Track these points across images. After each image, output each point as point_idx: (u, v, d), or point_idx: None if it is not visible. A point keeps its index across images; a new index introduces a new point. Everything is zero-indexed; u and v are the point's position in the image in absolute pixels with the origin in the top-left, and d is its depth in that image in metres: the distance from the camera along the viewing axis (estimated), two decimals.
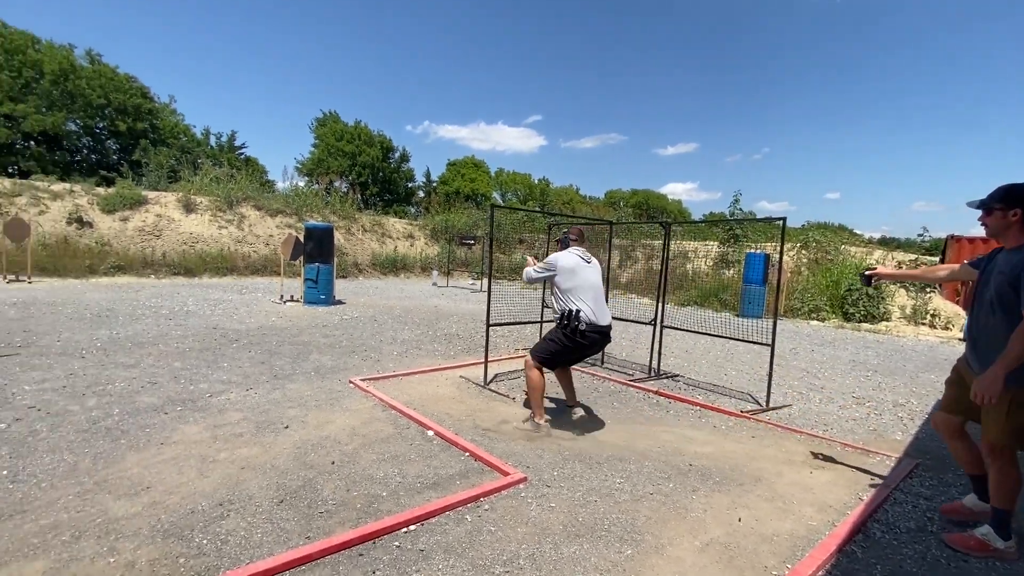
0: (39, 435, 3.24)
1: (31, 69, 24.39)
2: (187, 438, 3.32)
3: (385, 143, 34.50)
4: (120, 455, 3.01)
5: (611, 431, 3.88)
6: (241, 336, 6.71)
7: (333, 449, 3.25)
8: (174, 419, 3.64)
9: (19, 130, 24.09)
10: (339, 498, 2.63)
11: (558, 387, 4.97)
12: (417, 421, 3.78)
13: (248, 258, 16.48)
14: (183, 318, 7.85)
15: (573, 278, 3.72)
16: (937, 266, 3.03)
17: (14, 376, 4.43)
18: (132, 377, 4.60)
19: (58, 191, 15.89)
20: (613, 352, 6.89)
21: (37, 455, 2.96)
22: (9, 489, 2.56)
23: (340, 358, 5.83)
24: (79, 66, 25.90)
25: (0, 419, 3.45)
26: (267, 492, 2.65)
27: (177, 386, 4.42)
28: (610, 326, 3.82)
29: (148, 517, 2.37)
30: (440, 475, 2.94)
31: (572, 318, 3.64)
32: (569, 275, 3.73)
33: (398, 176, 35.79)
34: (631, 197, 51.49)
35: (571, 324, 3.64)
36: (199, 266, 15.26)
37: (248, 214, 18.37)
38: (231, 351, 5.85)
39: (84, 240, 14.66)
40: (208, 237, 16.68)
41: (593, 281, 3.79)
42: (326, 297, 10.41)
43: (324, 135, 33.61)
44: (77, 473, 2.76)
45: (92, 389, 4.21)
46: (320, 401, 4.22)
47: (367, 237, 21.06)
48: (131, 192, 16.84)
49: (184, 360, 5.31)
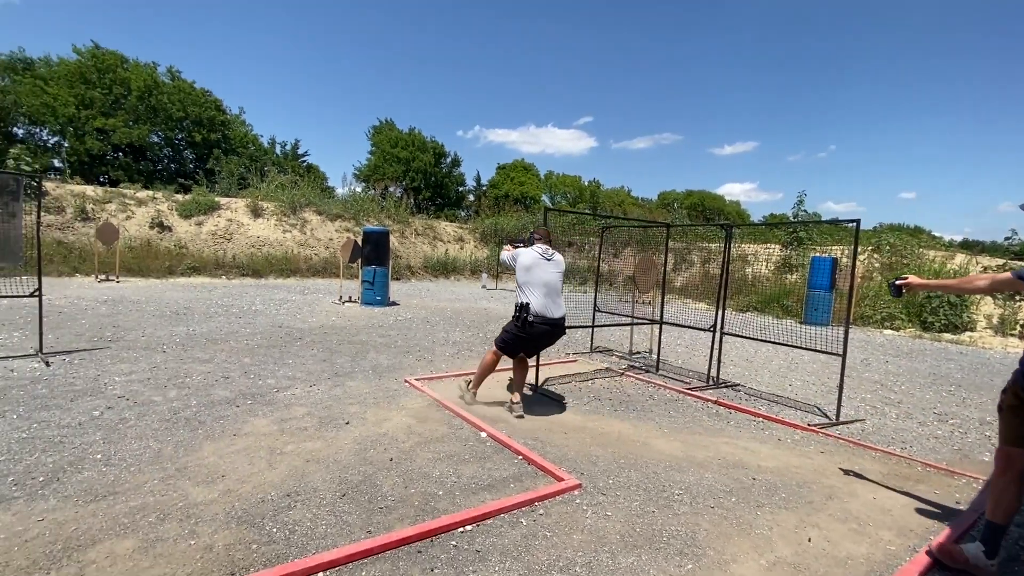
0: (128, 423, 3.52)
1: (120, 86, 26.72)
2: (257, 430, 3.51)
3: (437, 149, 35.26)
4: (198, 444, 3.23)
5: (667, 440, 3.76)
6: (304, 335, 7.04)
7: (391, 446, 3.34)
8: (245, 412, 3.86)
9: (109, 142, 26.45)
10: (397, 494, 2.69)
11: (600, 396, 4.89)
12: (470, 422, 3.82)
13: (310, 260, 17.29)
14: (251, 317, 8.33)
15: (528, 273, 4.05)
16: (977, 275, 2.63)
17: (106, 368, 4.85)
18: (207, 371, 4.93)
19: (142, 198, 17.31)
20: (668, 359, 6.70)
21: (126, 441, 3.22)
22: (103, 472, 2.80)
23: (396, 357, 5.99)
24: (161, 82, 28.13)
25: (95, 407, 3.79)
26: (330, 485, 2.76)
27: (247, 381, 4.69)
28: (562, 319, 4.09)
29: (223, 504, 2.52)
30: (494, 477, 2.96)
31: (522, 309, 4.02)
32: (525, 271, 4.06)
33: (449, 180, 36.46)
34: (686, 198, 49.93)
35: (521, 315, 4.01)
36: (265, 268, 16.16)
37: (310, 219, 19.29)
38: (295, 349, 6.15)
39: (164, 243, 15.89)
40: (273, 240, 17.65)
41: (547, 278, 4.07)
42: (382, 298, 10.75)
43: (380, 142, 34.78)
44: (161, 459, 2.98)
45: (172, 381, 4.54)
46: (378, 399, 4.35)
47: (419, 240, 21.60)
48: (205, 198, 18.10)
49: (253, 356, 5.63)
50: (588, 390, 5.05)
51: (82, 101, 25.55)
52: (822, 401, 5.07)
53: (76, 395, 4.02)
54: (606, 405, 4.57)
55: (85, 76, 26.02)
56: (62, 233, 14.53)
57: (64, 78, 25.65)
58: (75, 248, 14.08)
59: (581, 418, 4.15)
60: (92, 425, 3.43)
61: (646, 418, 4.27)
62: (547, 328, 4.03)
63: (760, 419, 4.40)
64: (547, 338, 4.15)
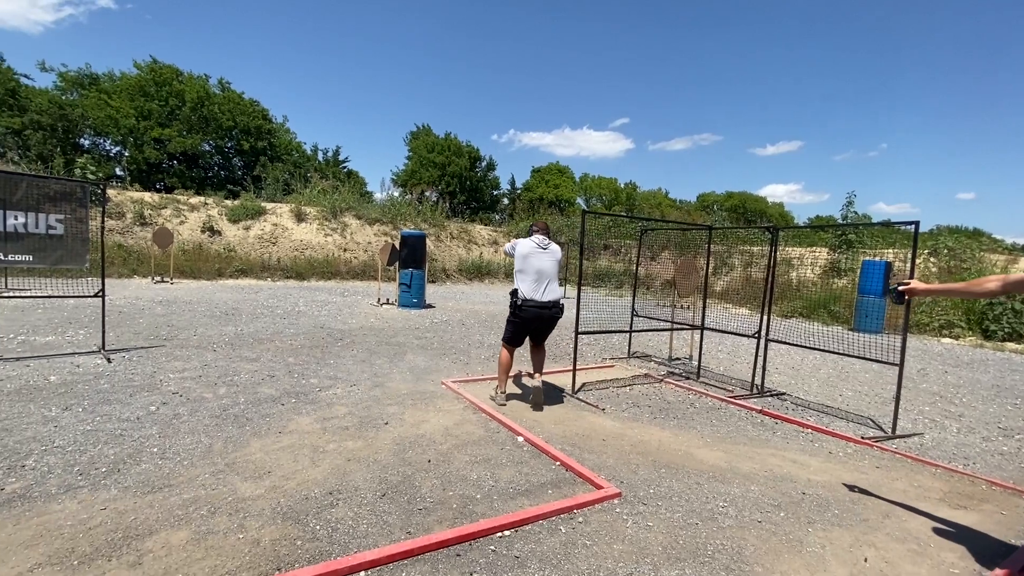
0: (181, 418, 3.69)
1: (176, 98, 28.25)
2: (300, 428, 3.61)
3: (473, 153, 35.62)
4: (245, 440, 3.35)
5: (710, 450, 3.65)
6: (344, 335, 7.21)
7: (429, 448, 3.36)
8: (289, 410, 3.98)
9: (165, 151, 27.98)
10: (436, 496, 2.71)
11: (639, 402, 4.79)
12: (507, 426, 3.81)
13: (349, 263, 17.75)
14: (295, 317, 8.61)
15: (523, 261, 4.32)
16: (987, 277, 2.33)
17: (161, 365, 5.10)
18: (254, 370, 5.11)
19: (195, 204, 18.21)
20: (709, 366, 6.51)
21: (180, 436, 3.37)
22: (159, 464, 2.94)
23: (432, 359, 6.06)
24: (213, 93, 29.57)
25: (151, 402, 3.99)
26: (371, 485, 2.80)
27: (291, 380, 4.84)
28: (554, 303, 4.31)
29: (270, 499, 2.60)
30: (532, 482, 2.94)
31: (514, 295, 4.31)
32: (522, 259, 4.33)
33: (484, 184, 36.76)
34: (726, 200, 48.54)
35: (513, 300, 4.30)
36: (308, 270, 16.70)
37: (350, 223, 19.82)
38: (336, 349, 6.31)
39: (214, 246, 16.64)
40: (316, 244, 18.21)
41: (540, 265, 4.31)
42: (418, 301, 10.91)
43: (417, 147, 35.43)
44: (211, 455, 3.11)
45: (222, 379, 4.73)
46: (416, 400, 4.40)
47: (454, 244, 21.83)
48: (252, 204, 18.87)
49: (297, 356, 5.81)
50: (626, 396, 4.96)
51: (141, 113, 27.13)
52: (876, 413, 4.81)
53: (135, 391, 4.24)
54: (645, 412, 4.48)
55: (144, 89, 27.64)
56: (122, 237, 15.43)
57: (125, 91, 27.33)
58: (134, 251, 14.93)
59: (620, 425, 4.08)
60: (149, 420, 3.61)
61: (687, 426, 4.16)
62: (537, 311, 4.25)
63: (809, 430, 4.21)
64: (540, 321, 4.35)
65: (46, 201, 5.24)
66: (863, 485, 3.16)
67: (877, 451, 3.80)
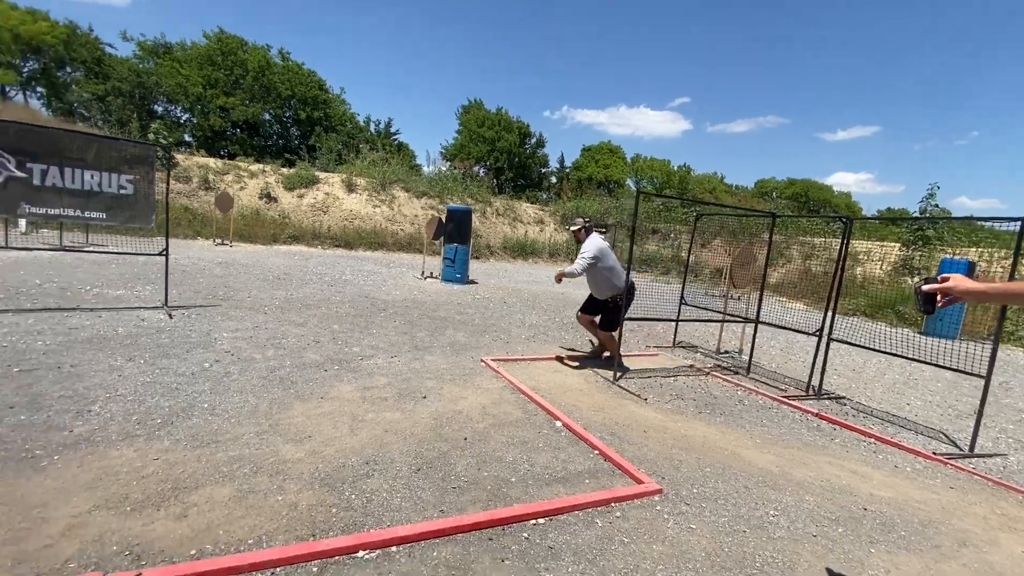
0: (231, 376, 3.82)
1: (239, 68, 29.22)
2: (341, 395, 3.66)
3: (523, 129, 35.14)
4: (289, 403, 3.42)
5: (759, 451, 3.43)
6: (388, 306, 7.31)
7: (465, 425, 3.33)
8: (332, 377, 4.05)
9: (229, 119, 29.13)
10: (471, 476, 2.67)
11: (683, 394, 4.59)
12: (545, 409, 3.73)
13: (396, 235, 18.03)
14: (341, 286, 8.81)
15: (608, 259, 4.89)
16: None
17: (217, 324, 5.32)
18: (301, 334, 5.25)
19: (254, 171, 18.89)
20: (760, 362, 6.18)
21: (229, 394, 3.48)
22: (208, 420, 3.04)
23: (473, 336, 6.04)
24: (273, 63, 30.37)
25: (205, 359, 4.15)
26: (406, 458, 2.80)
27: (335, 347, 4.93)
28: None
29: (309, 464, 2.63)
30: (568, 470, 2.85)
31: (632, 289, 4.96)
32: (609, 256, 4.91)
33: (533, 161, 36.29)
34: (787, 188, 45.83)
35: (617, 296, 4.87)
36: (356, 240, 17.09)
37: (398, 195, 20.06)
38: (379, 319, 6.39)
39: (270, 213, 17.27)
40: (364, 215, 18.58)
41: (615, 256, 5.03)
42: (461, 276, 10.94)
43: (468, 121, 35.29)
44: (257, 415, 3.19)
45: (271, 342, 4.88)
46: (455, 376, 4.39)
47: (499, 221, 21.73)
48: (307, 173, 19.40)
49: (341, 323, 5.93)
50: (670, 387, 4.76)
51: (208, 81, 28.26)
52: (949, 427, 4.41)
53: (191, 347, 4.43)
54: (690, 405, 4.28)
55: (212, 58, 28.72)
56: (188, 200, 16.25)
57: (195, 60, 28.50)
58: (198, 214, 15.70)
59: (662, 416, 3.92)
60: (202, 376, 3.75)
61: (735, 424, 3.94)
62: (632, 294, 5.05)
63: (871, 440, 3.90)
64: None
65: (120, 163, 5.49)
66: (934, 506, 2.88)
67: (951, 469, 3.47)
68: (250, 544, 1.96)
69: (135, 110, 26.38)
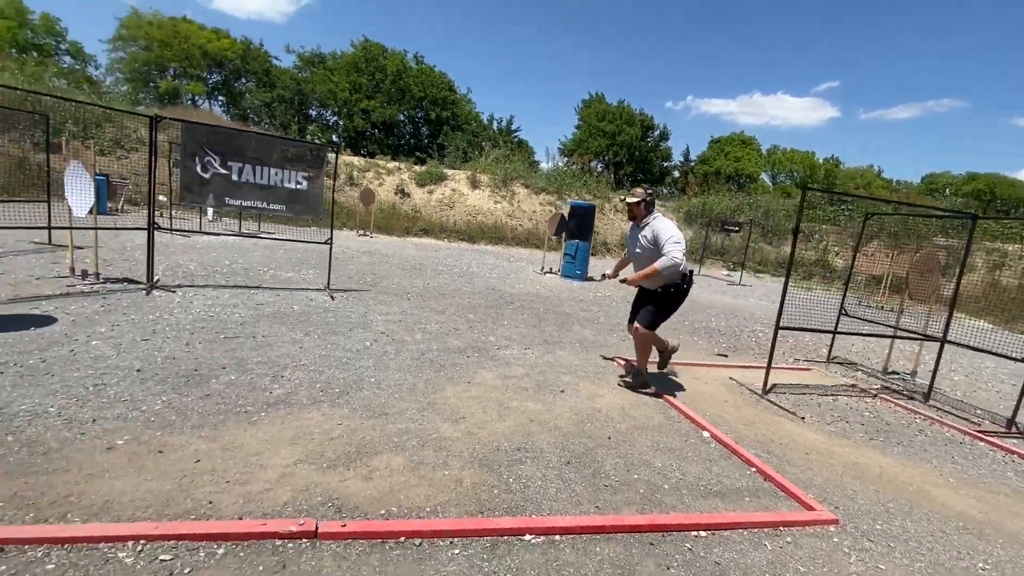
0: (388, 356, 4.20)
1: (380, 72, 31.96)
2: (485, 382, 3.84)
3: (646, 122, 33.93)
4: (441, 385, 3.67)
5: (954, 492, 2.94)
6: (514, 299, 7.53)
7: (607, 424, 3.30)
8: (474, 363, 4.27)
9: (370, 121, 32.05)
10: (621, 476, 2.64)
11: (848, 417, 4.07)
12: (689, 417, 3.56)
13: (515, 231, 18.49)
14: (469, 278, 9.26)
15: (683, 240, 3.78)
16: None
17: (370, 307, 5.89)
18: (442, 321, 5.61)
19: (391, 168, 20.57)
20: (941, 387, 5.30)
21: (389, 371, 3.83)
22: (376, 393, 3.38)
23: (600, 334, 5.98)
24: (409, 67, 32.75)
25: (365, 338, 4.62)
26: (554, 449, 2.85)
27: (472, 335, 5.19)
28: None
29: (467, 443, 2.80)
30: (724, 485, 2.69)
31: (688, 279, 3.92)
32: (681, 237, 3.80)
33: (654, 155, 34.89)
34: (965, 183, 38.66)
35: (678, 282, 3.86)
36: (478, 234, 17.84)
37: (518, 191, 20.54)
38: (508, 312, 6.61)
39: (404, 207, 18.70)
40: (486, 210, 19.31)
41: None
42: (581, 273, 10.89)
43: (587, 116, 34.97)
44: (415, 393, 3.47)
45: (417, 326, 5.28)
46: (588, 373, 4.38)
47: (618, 217, 21.22)
48: (436, 170, 20.65)
49: (475, 313, 6.23)
50: (830, 407, 4.28)
51: (354, 86, 31.32)
52: None
53: (352, 326, 4.96)
54: (857, 430, 3.81)
55: (357, 65, 31.78)
56: (336, 194, 18.20)
57: (343, 68, 31.75)
58: (344, 207, 17.52)
59: (824, 439, 3.53)
60: (365, 353, 4.18)
61: (917, 458, 3.42)
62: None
63: None
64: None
65: (297, 162, 6.31)
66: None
67: None
68: (427, 512, 2.13)
69: (295, 115, 30.17)
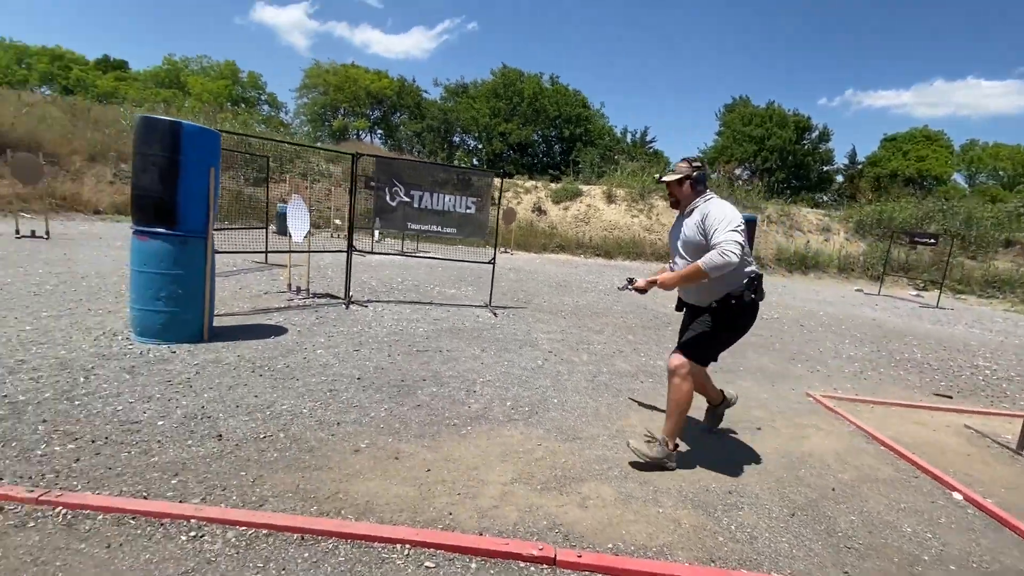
0: (563, 376, 4.23)
1: (517, 96, 33.43)
2: None
3: (801, 123, 30.59)
4: (624, 410, 3.59)
5: None
6: (672, 320, 7.17)
7: (824, 472, 2.92)
8: (649, 389, 4.11)
9: (507, 143, 33.61)
10: (863, 539, 2.29)
11: None
12: (930, 473, 3.00)
13: (655, 245, 17.84)
14: (616, 295, 9.08)
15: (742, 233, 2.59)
16: None
17: (531, 325, 6.05)
18: (603, 341, 5.54)
19: (528, 187, 21.27)
20: None
21: (568, 393, 3.85)
22: (563, 415, 3.40)
23: (780, 363, 5.41)
24: (544, 88, 33.75)
25: (535, 356, 4.73)
26: (771, 496, 2.58)
27: (639, 358, 5.04)
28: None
29: (671, 479, 2.67)
30: (1005, 566, 2.19)
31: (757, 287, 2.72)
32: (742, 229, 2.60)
33: (812, 159, 31.24)
34: None
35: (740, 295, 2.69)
36: (615, 249, 17.56)
37: (656, 204, 19.83)
38: (668, 334, 6.31)
39: (541, 224, 19.17)
40: (623, 225, 18.95)
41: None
42: None
43: (731, 121, 32.66)
44: (600, 418, 3.43)
45: (581, 346, 5.28)
46: (782, 409, 3.95)
47: (772, 229, 19.36)
48: (571, 187, 20.86)
49: (634, 335, 6.06)
50: None
51: (493, 111, 33.18)
52: None
53: (520, 344, 5.12)
54: None
55: (496, 91, 33.63)
56: None
57: (483, 96, 33.84)
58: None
59: None
60: (540, 373, 4.27)
61: None
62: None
63: None
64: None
65: (467, 188, 6.80)
66: None
67: None
68: (654, 552, 2.05)
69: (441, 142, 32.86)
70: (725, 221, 2.55)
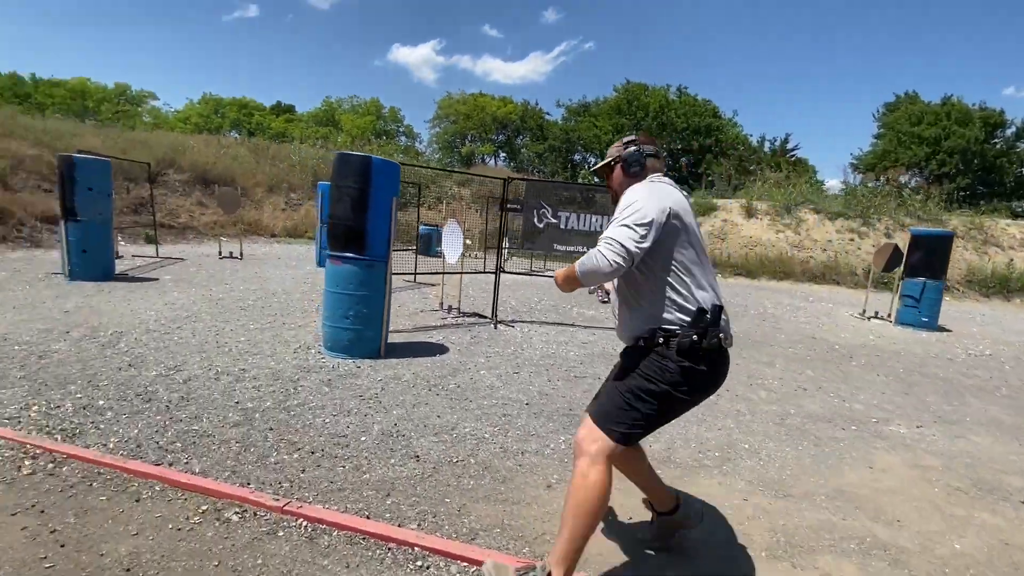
0: (744, 416, 3.78)
1: (642, 111, 32.61)
2: (893, 470, 3.05)
3: (992, 118, 25.60)
4: (834, 464, 3.06)
5: None
6: (852, 353, 6.22)
7: None
8: (857, 439, 3.49)
9: None
10: None
11: None
12: None
13: (805, 264, 15.97)
14: (773, 321, 8.17)
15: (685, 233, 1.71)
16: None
17: None
18: (778, 376, 4.93)
19: None
20: None
21: (758, 437, 3.41)
22: (760, 465, 2.99)
23: (1016, 413, 4.35)
24: (671, 101, 32.51)
25: None
26: None
27: (828, 399, 4.37)
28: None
29: (927, 561, 2.15)
30: None
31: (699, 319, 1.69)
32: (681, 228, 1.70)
33: (1007, 161, 25.93)
34: None
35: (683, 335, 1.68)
36: (757, 268, 16.03)
37: (805, 218, 17.82)
38: (853, 369, 5.45)
39: None
40: (766, 241, 17.28)
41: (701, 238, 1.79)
42: (929, 320, 8.47)
43: (894, 122, 28.43)
44: (807, 471, 2.96)
45: (752, 380, 4.74)
46: None
47: (958, 245, 16.24)
48: (704, 201, 19.60)
49: (813, 369, 5.31)
50: None
51: (616, 128, 32.71)
52: None
53: None
54: None
55: (619, 107, 33.18)
56: None
57: (606, 113, 33.58)
58: None
59: None
60: (718, 411, 3.86)
61: None
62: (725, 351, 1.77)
63: None
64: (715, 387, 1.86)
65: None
66: None
67: None
68: None
69: (563, 162, 33.18)
70: (628, 210, 1.65)
